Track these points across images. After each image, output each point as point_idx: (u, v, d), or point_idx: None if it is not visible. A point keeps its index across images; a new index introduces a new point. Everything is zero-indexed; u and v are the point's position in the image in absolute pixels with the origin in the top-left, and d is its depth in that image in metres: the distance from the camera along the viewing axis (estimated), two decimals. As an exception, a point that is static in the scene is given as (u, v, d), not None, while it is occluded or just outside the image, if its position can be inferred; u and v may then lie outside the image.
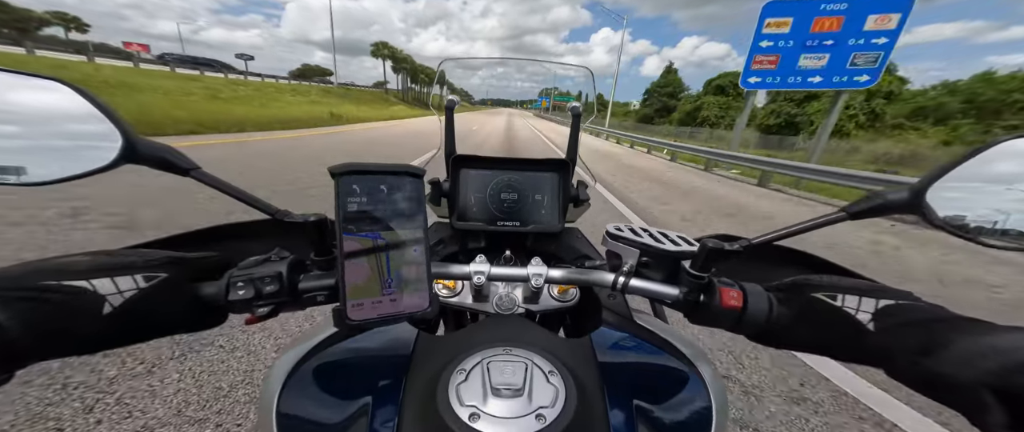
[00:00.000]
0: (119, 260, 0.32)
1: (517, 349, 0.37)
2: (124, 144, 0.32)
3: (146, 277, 0.32)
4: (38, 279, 0.28)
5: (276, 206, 0.38)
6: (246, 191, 0.37)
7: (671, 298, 0.43)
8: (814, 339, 0.37)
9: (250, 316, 0.37)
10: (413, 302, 0.35)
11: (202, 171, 0.35)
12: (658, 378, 0.45)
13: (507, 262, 0.63)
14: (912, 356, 0.29)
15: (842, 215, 0.36)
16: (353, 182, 0.32)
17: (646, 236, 0.47)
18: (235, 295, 0.35)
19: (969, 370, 0.25)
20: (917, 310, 0.33)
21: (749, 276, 0.43)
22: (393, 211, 0.34)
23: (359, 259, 0.33)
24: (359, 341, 0.44)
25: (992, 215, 0.32)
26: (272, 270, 0.36)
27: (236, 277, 0.36)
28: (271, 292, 0.36)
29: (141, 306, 0.31)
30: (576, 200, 0.73)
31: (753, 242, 0.40)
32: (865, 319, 0.33)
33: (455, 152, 0.70)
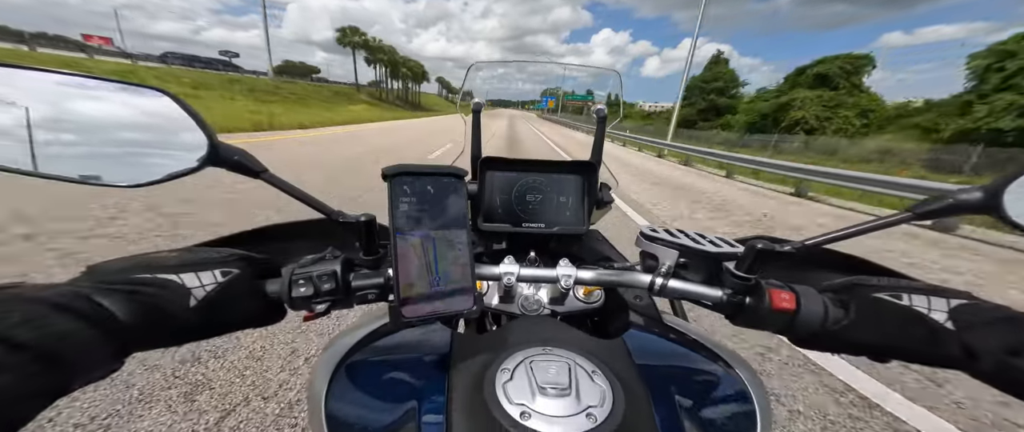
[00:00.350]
0: (199, 256, 0.34)
1: (557, 349, 0.37)
2: (209, 148, 0.33)
3: (223, 273, 0.33)
4: (135, 272, 0.30)
5: (332, 208, 0.40)
6: (307, 192, 0.38)
7: (713, 300, 0.42)
8: (880, 341, 0.35)
9: (307, 313, 0.38)
10: (459, 301, 0.36)
11: (271, 174, 0.36)
12: (698, 378, 0.43)
13: (533, 263, 0.61)
14: (1000, 356, 0.28)
15: (908, 215, 0.34)
16: (404, 183, 0.34)
17: (683, 237, 0.46)
18: (297, 292, 0.36)
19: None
20: (993, 309, 0.31)
21: (793, 279, 0.42)
22: (439, 211, 0.35)
23: (411, 257, 0.34)
24: (398, 339, 0.44)
25: None
26: (328, 269, 0.37)
27: (297, 275, 0.36)
28: (328, 290, 0.36)
29: (219, 300, 0.32)
30: (600, 202, 0.72)
31: (807, 244, 0.39)
32: (941, 319, 0.32)
33: (482, 154, 0.69)
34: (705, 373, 0.44)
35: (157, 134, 0.33)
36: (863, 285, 0.37)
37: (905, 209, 0.34)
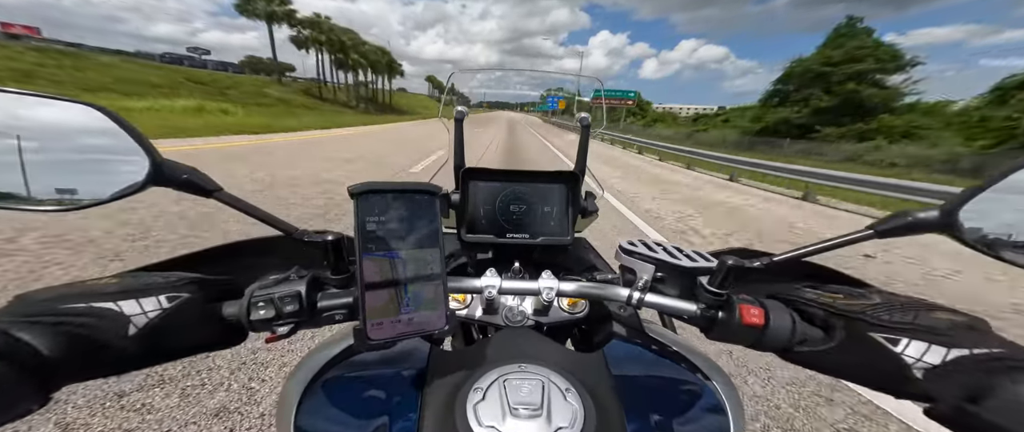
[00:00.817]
0: (143, 281, 0.33)
1: (532, 366, 0.37)
2: (151, 167, 0.32)
3: (169, 297, 0.32)
4: (65, 302, 0.28)
5: (293, 225, 0.39)
6: (266, 211, 0.37)
7: (688, 314, 0.43)
8: (840, 363, 0.36)
9: (270, 335, 0.37)
10: (430, 320, 0.36)
11: (225, 192, 0.35)
12: (674, 391, 0.44)
13: (516, 274, 0.64)
14: (957, 403, 0.28)
15: (870, 233, 0.35)
16: (372, 201, 0.33)
17: (661, 251, 0.47)
18: (257, 315, 0.35)
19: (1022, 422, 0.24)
20: (977, 358, 0.30)
21: (769, 291, 0.44)
22: (410, 229, 0.34)
23: (378, 278, 0.33)
24: (373, 355, 0.43)
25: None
26: (292, 289, 0.36)
27: (257, 296, 0.36)
28: (291, 311, 0.36)
29: (165, 326, 0.31)
30: (584, 211, 0.71)
31: (776, 260, 0.40)
32: (919, 369, 0.31)
33: (465, 164, 0.68)
34: (682, 385, 0.44)
35: (89, 153, 0.31)
36: (852, 316, 0.36)
37: (867, 227, 0.35)
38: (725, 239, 4.63)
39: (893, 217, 0.34)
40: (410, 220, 0.34)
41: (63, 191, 0.30)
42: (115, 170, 0.32)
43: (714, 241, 4.51)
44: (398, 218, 0.34)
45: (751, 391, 1.82)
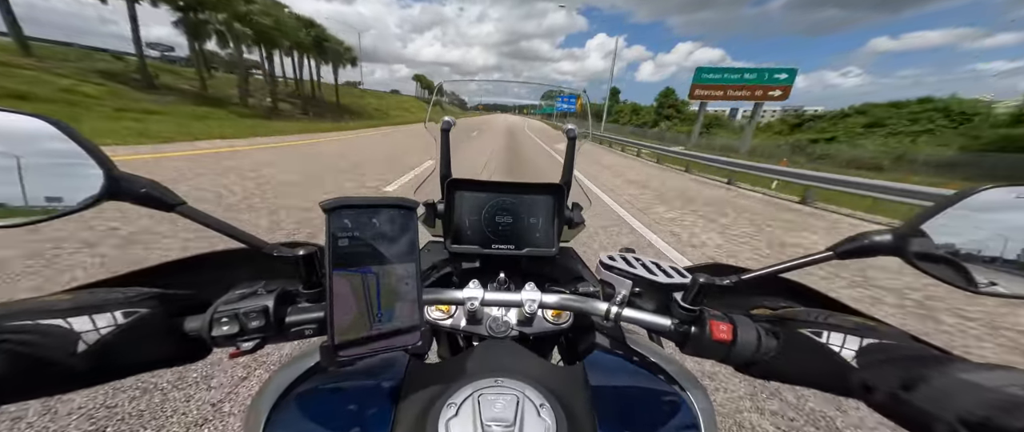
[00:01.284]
0: (99, 297, 0.33)
1: (508, 381, 0.38)
2: (106, 180, 0.32)
3: (126, 313, 0.32)
4: (8, 320, 0.28)
5: (263, 240, 0.38)
6: (234, 226, 0.36)
7: (663, 328, 0.44)
8: (800, 373, 0.39)
9: (234, 350, 0.37)
10: (403, 337, 0.35)
11: (188, 207, 0.35)
12: (650, 402, 0.44)
13: (501, 285, 0.64)
14: (892, 392, 0.31)
15: (829, 254, 0.37)
16: (345, 217, 0.32)
17: (639, 266, 0.49)
18: (219, 331, 0.35)
19: (946, 406, 0.27)
20: (902, 348, 0.35)
21: (740, 304, 0.46)
22: (386, 245, 0.34)
23: (349, 294, 0.33)
24: (349, 368, 0.43)
25: (972, 262, 0.33)
26: (258, 304, 0.36)
27: (221, 312, 0.35)
28: (256, 327, 0.35)
29: (119, 342, 0.31)
30: (570, 222, 0.72)
31: (744, 278, 0.41)
32: (849, 356, 0.35)
33: (451, 175, 0.69)
34: (658, 396, 0.45)
35: (41, 167, 0.30)
36: (792, 319, 0.41)
37: (827, 249, 0.37)
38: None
39: (851, 240, 0.36)
40: (386, 235, 0.34)
41: (12, 206, 0.30)
42: (68, 184, 0.31)
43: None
44: (373, 233, 0.33)
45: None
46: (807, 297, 0.49)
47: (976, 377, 0.27)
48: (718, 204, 6.84)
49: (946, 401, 0.27)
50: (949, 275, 0.34)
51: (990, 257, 0.33)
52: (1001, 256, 0.32)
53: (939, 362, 0.31)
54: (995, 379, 0.26)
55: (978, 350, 2.45)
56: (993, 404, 0.25)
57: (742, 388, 1.83)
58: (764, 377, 0.40)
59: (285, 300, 0.38)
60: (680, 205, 6.41)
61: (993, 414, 0.24)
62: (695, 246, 4.16)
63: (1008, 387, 0.25)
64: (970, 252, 0.33)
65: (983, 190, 0.33)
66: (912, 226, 0.34)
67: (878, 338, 0.36)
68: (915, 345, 0.35)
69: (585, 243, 3.79)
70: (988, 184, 0.33)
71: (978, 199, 0.32)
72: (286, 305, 0.38)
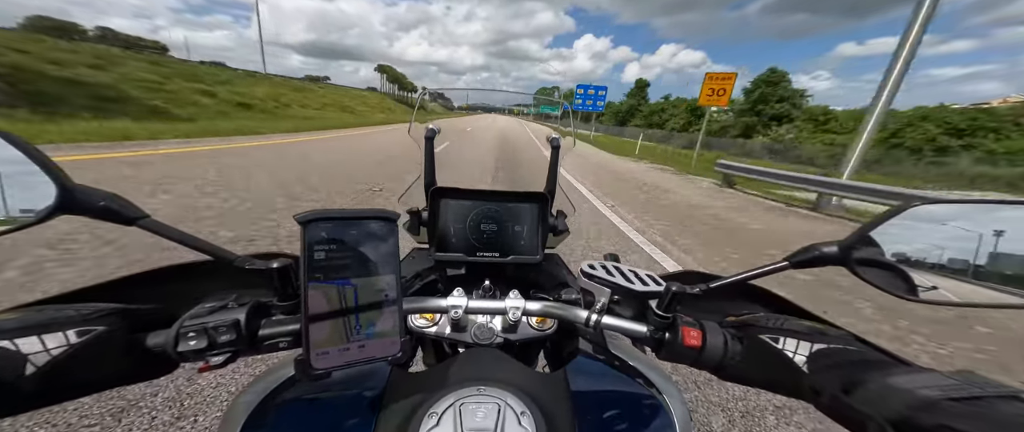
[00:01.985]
0: (50, 316, 0.31)
1: (490, 388, 0.38)
2: (59, 193, 0.31)
3: (80, 332, 0.31)
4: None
5: (235, 253, 0.37)
6: (203, 239, 0.35)
7: (640, 335, 0.46)
8: (760, 377, 0.41)
9: (203, 365, 0.36)
10: (383, 348, 0.35)
11: (151, 220, 0.34)
12: (629, 408, 0.45)
13: (486, 292, 0.65)
14: (835, 394, 0.33)
15: (785, 264, 0.40)
16: (321, 229, 0.32)
17: (618, 275, 0.49)
18: (186, 346, 0.34)
19: (875, 406, 0.29)
20: (846, 353, 0.37)
21: (712, 310, 0.49)
22: (365, 256, 0.34)
23: (326, 307, 0.32)
24: (329, 379, 0.41)
25: (913, 271, 0.36)
26: (228, 318, 0.35)
27: (188, 326, 0.34)
28: (227, 341, 0.35)
29: (73, 362, 0.30)
30: (555, 230, 0.73)
31: (711, 287, 0.44)
32: (801, 361, 0.37)
33: (435, 183, 0.70)
34: (637, 401, 0.47)
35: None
36: (755, 324, 0.43)
37: (784, 259, 0.40)
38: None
39: (804, 250, 0.39)
40: (365, 246, 0.34)
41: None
42: (18, 198, 0.30)
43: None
44: (351, 245, 0.33)
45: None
46: (773, 303, 0.53)
47: (902, 380, 0.29)
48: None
49: (877, 403, 0.29)
50: (891, 284, 0.36)
51: (928, 267, 0.35)
52: (938, 266, 0.35)
53: (875, 365, 0.34)
54: (916, 381, 0.29)
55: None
56: (911, 405, 0.27)
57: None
58: (732, 380, 0.43)
59: (258, 313, 0.37)
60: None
61: (912, 414, 0.26)
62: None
63: (925, 389, 0.27)
64: (909, 262, 0.36)
65: (916, 205, 0.35)
66: (855, 238, 0.37)
67: (826, 343, 0.38)
68: (858, 347, 0.38)
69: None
70: (918, 201, 0.36)
71: (914, 213, 0.35)
72: (260, 318, 0.37)
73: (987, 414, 0.25)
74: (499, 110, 52.31)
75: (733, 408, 1.75)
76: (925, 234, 0.36)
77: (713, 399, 1.79)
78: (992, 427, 0.23)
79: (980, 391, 0.26)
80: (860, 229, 0.37)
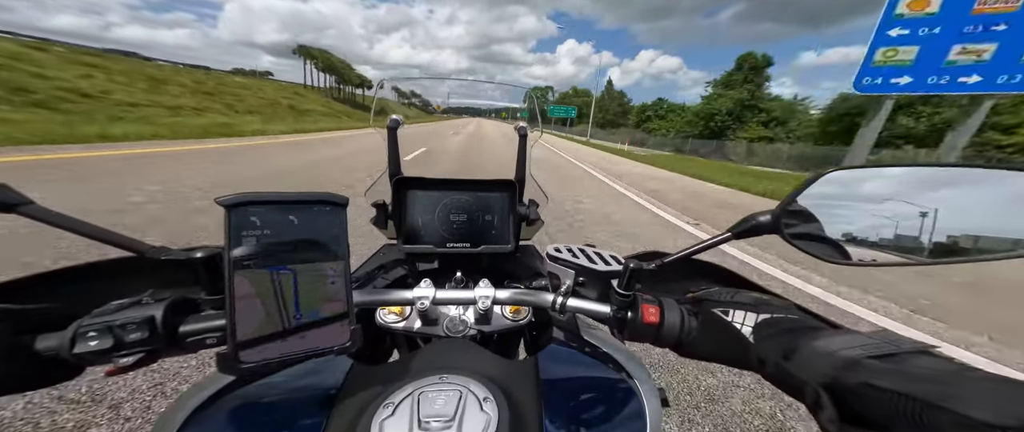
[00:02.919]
0: None
1: (453, 376, 0.37)
2: None
3: None
4: None
5: (148, 243, 0.34)
6: (108, 229, 0.32)
7: (603, 315, 0.46)
8: (713, 351, 0.41)
9: (111, 368, 0.32)
10: (329, 337, 0.34)
11: (37, 207, 0.30)
12: (598, 393, 0.45)
13: (458, 283, 0.63)
14: (776, 361, 0.34)
15: (728, 236, 0.41)
16: (251, 214, 0.30)
17: (582, 257, 0.50)
18: (84, 347, 0.31)
19: (809, 371, 0.30)
20: (786, 321, 0.38)
21: (673, 290, 0.48)
22: (307, 243, 0.32)
23: (258, 296, 0.30)
24: (281, 376, 0.40)
25: (835, 236, 0.38)
26: (139, 315, 0.32)
27: (87, 326, 0.31)
28: (137, 340, 0.32)
29: None
30: (527, 219, 0.71)
31: (666, 261, 0.45)
32: (747, 332, 0.38)
33: (400, 173, 0.68)
34: (607, 385, 0.46)
35: None
36: (707, 299, 0.44)
37: (727, 230, 0.41)
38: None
39: (743, 221, 0.41)
40: (308, 233, 0.32)
41: None
42: None
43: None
44: (289, 231, 0.31)
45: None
46: (728, 279, 0.54)
47: (830, 343, 0.31)
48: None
49: (810, 367, 0.30)
50: (819, 250, 0.38)
51: (848, 231, 0.38)
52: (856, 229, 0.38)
53: (810, 332, 0.35)
54: (841, 343, 0.30)
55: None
56: (836, 365, 0.28)
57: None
58: (690, 356, 0.43)
59: (181, 308, 0.35)
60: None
61: (838, 374, 0.28)
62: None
63: (848, 349, 0.29)
64: (830, 228, 0.38)
65: (829, 172, 0.38)
66: (783, 207, 0.38)
67: (770, 312, 0.39)
68: (798, 315, 0.39)
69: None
70: (831, 168, 0.38)
71: (829, 179, 0.38)
72: (183, 314, 0.35)
73: (901, 369, 0.26)
74: (484, 113, 52.97)
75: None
76: (841, 200, 0.39)
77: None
78: (905, 379, 0.24)
79: (895, 348, 0.28)
80: (785, 199, 0.39)
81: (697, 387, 1.80)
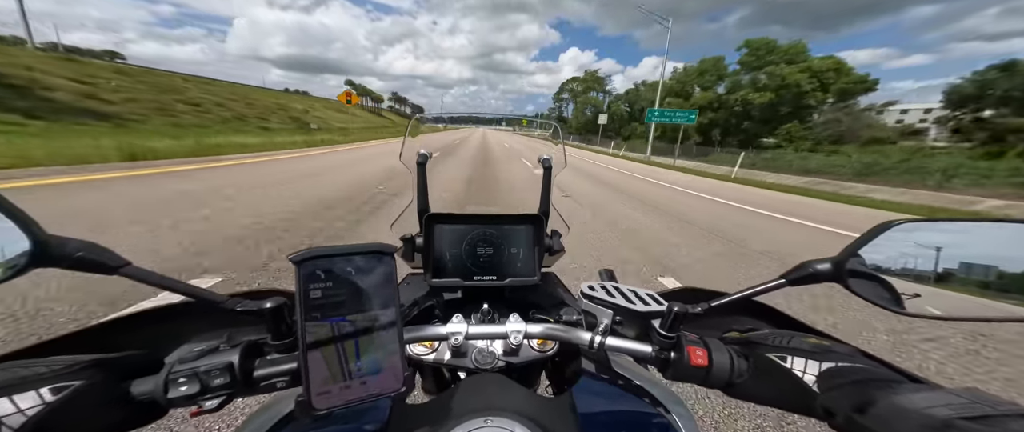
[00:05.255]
0: (18, 374, 0.30)
1: (497, 419, 0.37)
2: (31, 246, 0.29)
3: (54, 389, 0.29)
4: None
5: (224, 295, 0.37)
6: (190, 283, 0.35)
7: (645, 356, 0.46)
8: (770, 395, 0.41)
9: (195, 409, 0.34)
10: (385, 383, 0.35)
11: (134, 267, 0.33)
12: (637, 427, 0.45)
13: (485, 316, 0.63)
14: (848, 414, 0.33)
15: (782, 282, 0.41)
16: (317, 268, 0.32)
17: (618, 295, 0.51)
18: (176, 392, 0.33)
19: (892, 428, 0.29)
20: (856, 371, 0.37)
21: (711, 325, 0.50)
22: (362, 291, 0.34)
23: (325, 346, 0.32)
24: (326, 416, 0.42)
25: (898, 286, 0.38)
26: (220, 361, 0.35)
27: (177, 372, 0.34)
28: (220, 385, 0.34)
29: (51, 421, 0.28)
30: (550, 249, 0.74)
31: (713, 306, 0.45)
32: (811, 381, 0.38)
33: (429, 209, 0.69)
34: (645, 420, 0.46)
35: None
36: (760, 343, 0.43)
37: (780, 277, 0.41)
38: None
39: (799, 268, 0.40)
40: (362, 282, 0.34)
41: None
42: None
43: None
44: (347, 281, 0.33)
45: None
46: (772, 318, 0.53)
47: (913, 398, 0.30)
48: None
49: (891, 423, 0.29)
50: (881, 299, 0.38)
51: (909, 280, 0.38)
52: (918, 280, 0.37)
53: (885, 383, 0.34)
54: (927, 400, 0.29)
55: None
56: (926, 424, 0.27)
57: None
58: (741, 398, 0.43)
59: (252, 353, 0.37)
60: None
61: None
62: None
63: (936, 407, 0.28)
64: (894, 278, 0.38)
65: (898, 224, 0.38)
66: (846, 255, 0.38)
67: (834, 361, 0.38)
68: (866, 364, 0.38)
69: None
70: (900, 218, 0.38)
71: (896, 231, 0.38)
72: (253, 358, 0.37)
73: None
74: (489, 122, 51.30)
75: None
76: (905, 250, 0.38)
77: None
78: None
79: (990, 410, 0.26)
80: (849, 246, 0.38)
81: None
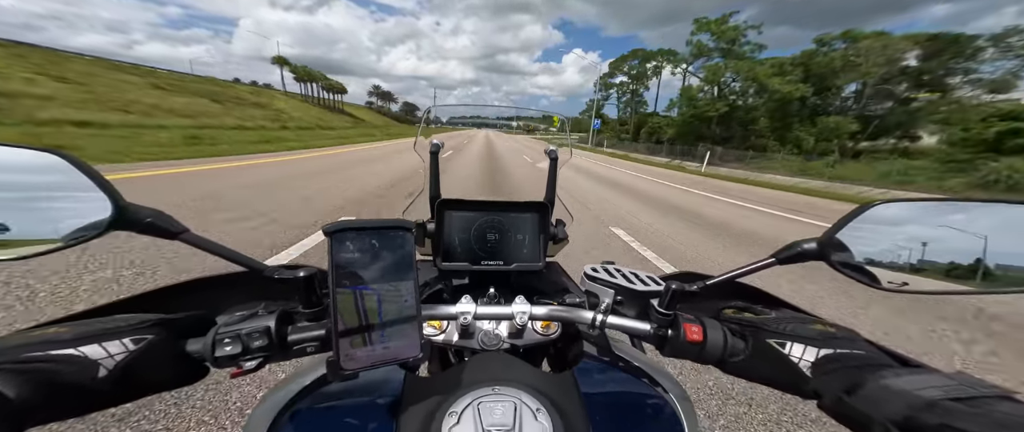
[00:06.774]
0: (105, 326, 0.34)
1: (505, 388, 0.39)
2: (113, 210, 0.34)
3: (135, 340, 0.34)
4: (32, 349, 0.30)
5: (263, 263, 0.41)
6: (235, 250, 0.39)
7: (644, 333, 0.48)
8: (764, 375, 0.43)
9: (236, 369, 0.38)
10: (404, 349, 0.37)
11: (191, 234, 0.37)
12: (637, 406, 0.47)
13: (491, 299, 0.67)
14: (838, 395, 0.34)
15: (772, 261, 0.43)
16: (346, 239, 0.34)
17: (619, 276, 0.54)
18: (222, 352, 0.36)
19: (880, 409, 0.30)
20: (852, 357, 0.38)
21: (710, 308, 0.52)
22: (384, 263, 0.36)
23: (352, 311, 0.35)
24: (345, 385, 0.44)
25: (880, 264, 0.40)
26: (260, 325, 0.38)
27: (223, 333, 0.37)
28: (259, 346, 0.37)
29: (131, 368, 0.33)
30: (555, 238, 0.75)
31: (708, 284, 0.47)
32: (805, 367, 0.39)
33: (440, 195, 0.72)
34: (644, 400, 0.48)
35: (51, 200, 0.33)
36: (760, 327, 0.44)
37: (770, 256, 0.43)
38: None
39: (787, 248, 0.42)
40: (384, 255, 0.36)
41: (24, 238, 0.32)
42: (77, 215, 0.33)
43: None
44: (372, 253, 0.36)
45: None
46: (764, 299, 0.56)
47: (903, 381, 0.31)
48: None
49: (879, 404, 0.30)
50: (863, 276, 0.40)
51: (892, 259, 0.40)
52: (901, 258, 0.40)
53: (877, 366, 0.35)
54: (917, 382, 0.30)
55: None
56: (913, 405, 0.28)
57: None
58: (734, 374, 0.45)
59: (286, 320, 0.40)
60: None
61: (914, 414, 0.27)
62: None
63: (925, 389, 0.29)
64: (876, 256, 0.40)
65: (879, 204, 0.40)
66: (829, 235, 0.40)
67: (832, 347, 0.39)
68: (863, 349, 0.39)
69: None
70: (878, 200, 0.40)
71: (877, 211, 0.40)
72: (287, 324, 0.40)
73: (986, 414, 0.25)
74: (493, 125, 43.83)
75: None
76: (888, 230, 0.41)
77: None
78: (991, 426, 0.24)
79: (976, 391, 0.27)
80: (833, 226, 0.40)
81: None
